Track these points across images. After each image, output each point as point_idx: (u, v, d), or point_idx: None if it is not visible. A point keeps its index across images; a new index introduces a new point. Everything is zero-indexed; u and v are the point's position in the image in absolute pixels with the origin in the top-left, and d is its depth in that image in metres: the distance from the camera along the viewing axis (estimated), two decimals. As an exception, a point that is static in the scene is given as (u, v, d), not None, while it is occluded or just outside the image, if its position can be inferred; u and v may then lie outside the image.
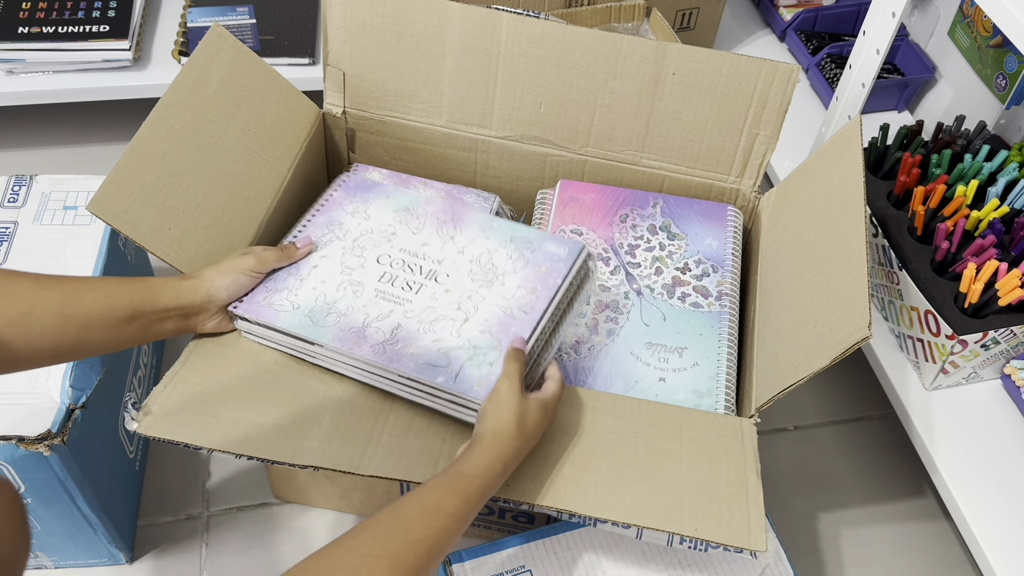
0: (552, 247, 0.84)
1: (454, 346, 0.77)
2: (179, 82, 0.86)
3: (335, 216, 0.89)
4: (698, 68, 0.93)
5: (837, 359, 0.73)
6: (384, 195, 0.91)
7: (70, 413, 0.85)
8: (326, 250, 0.86)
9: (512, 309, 0.80)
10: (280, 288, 0.82)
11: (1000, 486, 0.94)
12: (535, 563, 0.78)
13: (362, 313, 0.80)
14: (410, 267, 0.84)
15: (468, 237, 0.86)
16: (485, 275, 0.83)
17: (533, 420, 0.71)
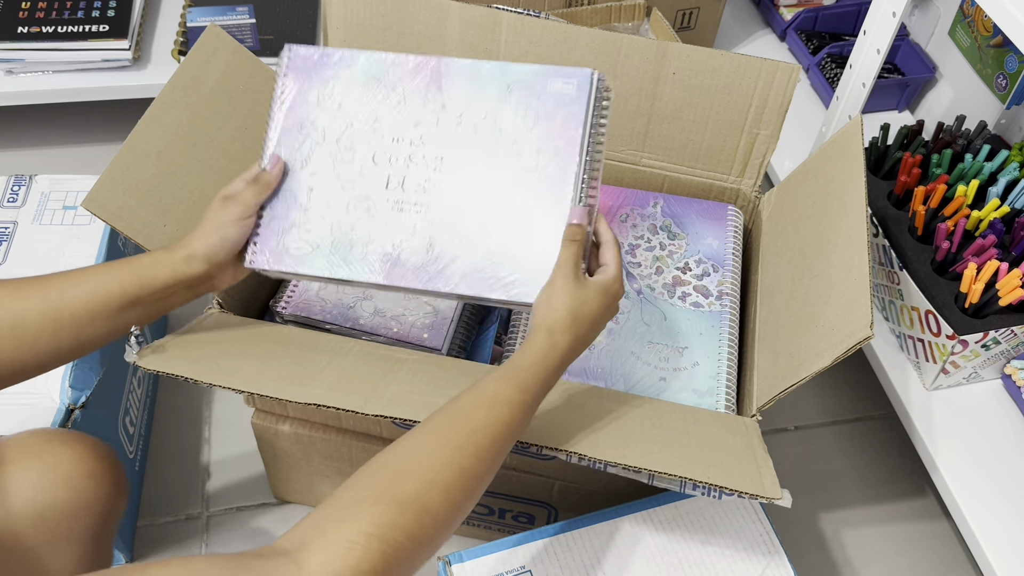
0: (558, 86, 0.72)
1: (495, 248, 0.71)
2: (175, 81, 0.86)
3: (301, 114, 0.76)
4: (698, 68, 0.93)
5: (839, 359, 0.73)
6: (343, 65, 0.76)
7: (69, 413, 0.85)
8: (313, 163, 0.75)
9: (538, 184, 0.71)
10: (287, 226, 0.74)
11: (1000, 486, 0.94)
12: (535, 563, 0.78)
13: (387, 234, 0.73)
14: (412, 159, 0.73)
15: (460, 100, 0.73)
16: (496, 147, 0.72)
17: (592, 307, 0.67)
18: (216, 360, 0.75)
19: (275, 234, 0.74)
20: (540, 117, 0.72)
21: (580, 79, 0.72)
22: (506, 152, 0.72)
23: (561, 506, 0.94)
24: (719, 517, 0.81)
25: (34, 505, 0.67)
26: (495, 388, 0.62)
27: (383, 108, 0.74)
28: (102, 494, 0.71)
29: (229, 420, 1.14)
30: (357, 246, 0.73)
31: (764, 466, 0.72)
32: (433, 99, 0.74)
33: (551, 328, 0.65)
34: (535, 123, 0.72)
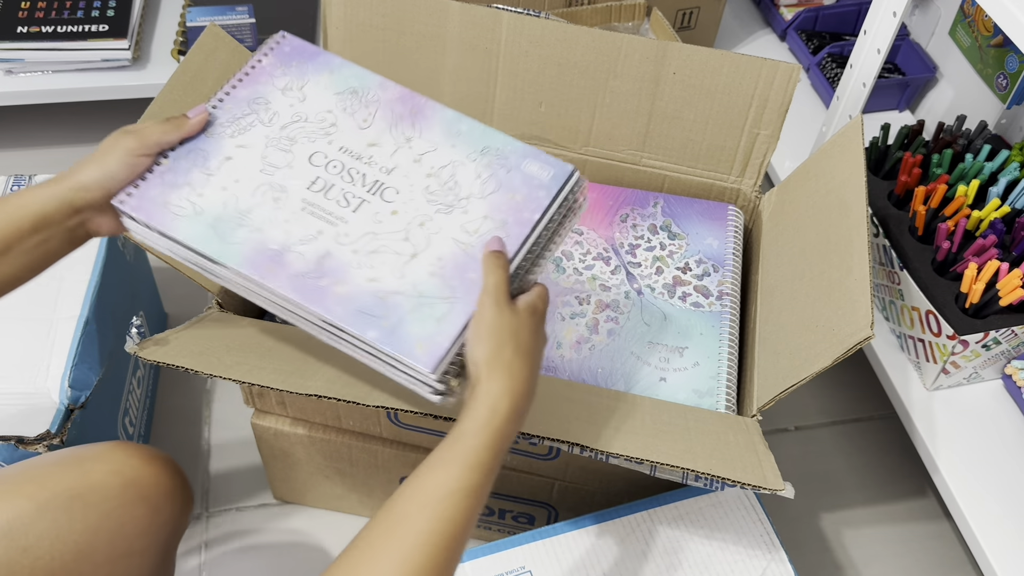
0: (534, 168, 0.67)
1: (394, 290, 0.62)
2: (174, 81, 0.86)
3: (261, 91, 0.71)
4: (699, 67, 0.93)
5: (839, 359, 0.72)
6: (327, 69, 0.72)
7: (69, 413, 0.85)
8: (245, 136, 0.68)
9: (473, 247, 0.64)
10: (181, 183, 0.66)
11: (1001, 486, 0.94)
12: (535, 563, 0.78)
13: (282, 230, 0.64)
14: (351, 174, 0.67)
15: (429, 141, 0.69)
16: (444, 196, 0.66)
17: (526, 335, 0.60)
18: (217, 354, 0.75)
19: (163, 185, 0.65)
20: (502, 187, 0.67)
21: (558, 170, 0.67)
22: (452, 205, 0.66)
23: (561, 506, 0.94)
24: (719, 517, 0.81)
25: (115, 519, 0.68)
26: (437, 479, 0.54)
27: (346, 119, 0.70)
28: (177, 511, 0.73)
29: (229, 420, 1.14)
30: (243, 230, 0.64)
31: (765, 460, 0.72)
32: (401, 131, 0.70)
33: (489, 374, 0.57)
34: (495, 191, 0.67)
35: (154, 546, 0.71)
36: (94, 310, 0.92)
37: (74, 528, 0.66)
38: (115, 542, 0.68)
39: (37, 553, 0.64)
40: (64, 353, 0.88)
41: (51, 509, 0.66)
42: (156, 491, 0.71)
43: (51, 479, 0.68)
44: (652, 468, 0.71)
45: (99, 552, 0.66)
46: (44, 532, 0.65)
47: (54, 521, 0.65)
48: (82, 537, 0.66)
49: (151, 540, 0.70)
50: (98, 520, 0.67)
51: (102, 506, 0.67)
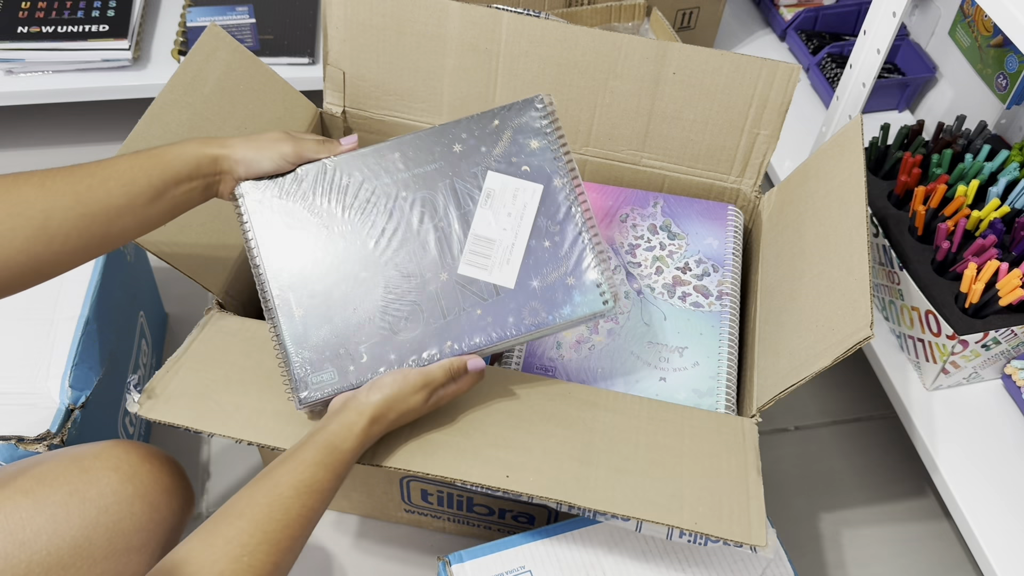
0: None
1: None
2: (175, 81, 0.86)
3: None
4: (699, 68, 0.93)
5: (839, 359, 0.72)
6: None
7: (69, 413, 0.85)
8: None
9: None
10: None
11: (1001, 486, 0.94)
12: (535, 563, 0.78)
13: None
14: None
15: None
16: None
17: (413, 416, 0.72)
18: (216, 394, 0.76)
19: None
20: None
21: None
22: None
23: (561, 506, 0.94)
24: (719, 517, 0.81)
25: (112, 515, 0.68)
26: (313, 475, 0.64)
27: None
28: (176, 508, 0.73)
29: (229, 420, 1.14)
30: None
31: (755, 497, 0.73)
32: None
33: (376, 420, 0.69)
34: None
35: (152, 543, 0.71)
36: (94, 310, 0.92)
37: (71, 524, 0.66)
38: (113, 538, 0.68)
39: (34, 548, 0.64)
40: (64, 353, 0.88)
41: (49, 505, 0.66)
42: (154, 488, 0.71)
43: (49, 475, 0.68)
44: (638, 525, 0.72)
45: (97, 548, 0.67)
46: (42, 527, 0.65)
47: (52, 517, 0.66)
48: (79, 533, 0.66)
49: (149, 537, 0.70)
50: (96, 516, 0.67)
51: (99, 502, 0.68)
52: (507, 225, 0.76)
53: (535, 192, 0.77)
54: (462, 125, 0.78)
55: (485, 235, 0.76)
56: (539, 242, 0.76)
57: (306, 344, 0.73)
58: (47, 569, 0.64)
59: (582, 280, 0.75)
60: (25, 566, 0.64)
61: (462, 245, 0.76)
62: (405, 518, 1.03)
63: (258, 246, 0.75)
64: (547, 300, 0.75)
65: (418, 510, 1.01)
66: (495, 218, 0.76)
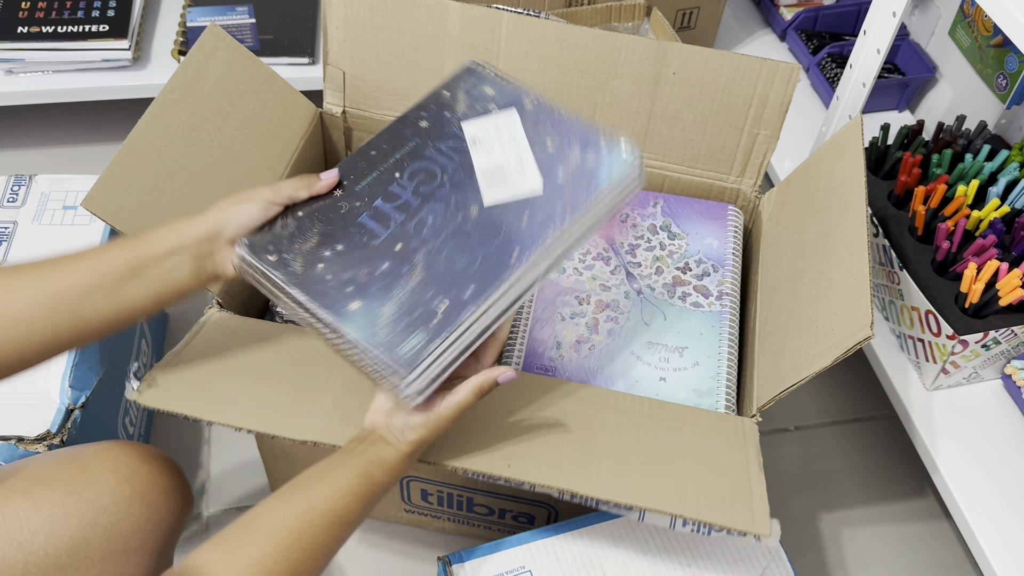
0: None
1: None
2: (175, 81, 0.86)
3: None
4: (698, 68, 0.93)
5: (839, 359, 0.72)
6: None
7: (69, 413, 0.85)
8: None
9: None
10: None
11: (1001, 486, 0.94)
12: (535, 563, 0.78)
13: None
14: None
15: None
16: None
17: (447, 429, 0.69)
18: (216, 386, 0.76)
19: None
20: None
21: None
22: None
23: (561, 506, 0.94)
24: (719, 517, 0.81)
25: (110, 516, 0.68)
26: (347, 507, 0.63)
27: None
28: (174, 508, 0.73)
29: (229, 420, 1.14)
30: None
31: (757, 490, 0.72)
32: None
33: (414, 453, 0.68)
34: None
35: (150, 544, 0.71)
36: (94, 310, 0.92)
37: (69, 524, 0.66)
38: (111, 539, 0.68)
39: (32, 548, 0.64)
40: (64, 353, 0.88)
41: (47, 505, 0.66)
42: (153, 489, 0.71)
43: (47, 475, 0.68)
44: (641, 514, 0.72)
45: (95, 548, 0.67)
46: (39, 527, 0.65)
47: (50, 517, 0.65)
48: (77, 533, 0.66)
49: (147, 538, 0.70)
50: (94, 516, 0.67)
51: (97, 503, 0.68)
52: (506, 150, 0.76)
53: (512, 115, 0.77)
54: (417, 107, 0.79)
55: (490, 167, 0.75)
56: (542, 148, 0.75)
57: (376, 328, 0.67)
58: (44, 569, 0.64)
59: (599, 151, 0.75)
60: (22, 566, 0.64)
61: (476, 185, 0.74)
62: (405, 518, 1.03)
63: (286, 284, 0.70)
64: (580, 179, 0.74)
65: (418, 510, 1.01)
66: (491, 153, 0.76)
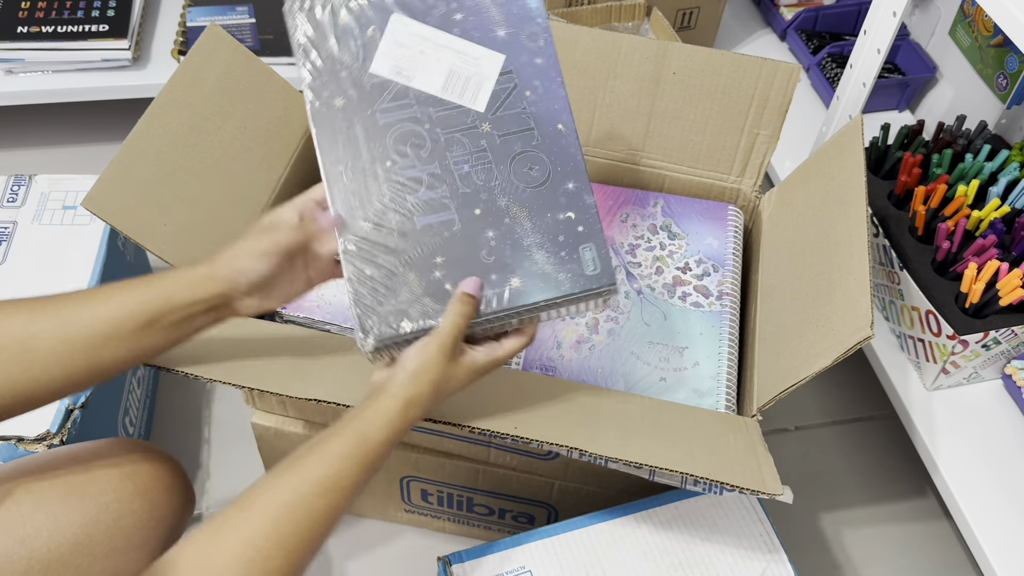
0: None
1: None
2: (175, 80, 0.86)
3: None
4: (699, 67, 0.93)
5: (839, 359, 0.72)
6: None
7: (69, 413, 0.85)
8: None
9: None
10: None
11: (1001, 486, 0.94)
12: (535, 563, 0.78)
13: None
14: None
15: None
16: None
17: (455, 385, 0.65)
18: (216, 358, 0.75)
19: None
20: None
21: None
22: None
23: (561, 506, 0.94)
24: (719, 517, 0.81)
25: (112, 513, 0.68)
26: (341, 468, 0.59)
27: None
28: (176, 506, 0.73)
29: (229, 420, 1.14)
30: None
31: (765, 463, 0.72)
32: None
33: (411, 402, 0.63)
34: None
35: (152, 540, 0.71)
36: (94, 310, 0.92)
37: (72, 521, 0.66)
38: (113, 536, 0.68)
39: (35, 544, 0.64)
40: (64, 353, 0.88)
41: (49, 502, 0.66)
42: (154, 486, 0.71)
43: (49, 472, 0.68)
44: (651, 472, 0.71)
45: (97, 545, 0.67)
46: (42, 524, 0.65)
47: (52, 514, 0.66)
48: (80, 530, 0.66)
49: (149, 534, 0.70)
50: (96, 513, 0.67)
51: (100, 499, 0.68)
52: (437, 56, 0.67)
53: (400, 20, 0.67)
54: (312, 93, 0.68)
55: (444, 82, 0.67)
56: (459, 26, 0.67)
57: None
58: (47, 566, 0.64)
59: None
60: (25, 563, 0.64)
61: (458, 106, 0.67)
62: (405, 518, 1.03)
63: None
64: (516, 12, 0.67)
65: (418, 510, 1.01)
66: (427, 71, 0.67)
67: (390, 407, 0.62)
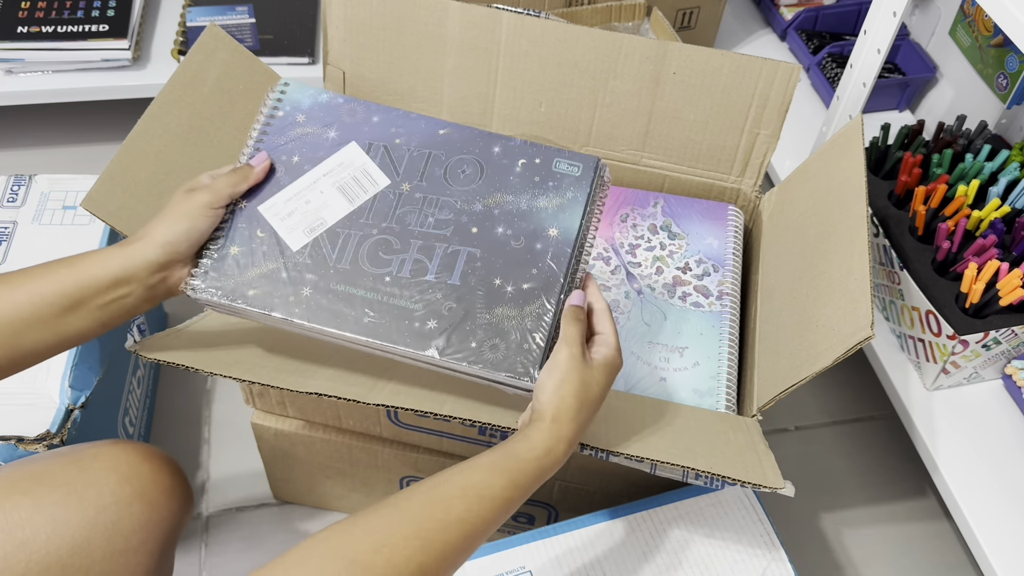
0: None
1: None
2: (174, 80, 0.86)
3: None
4: (699, 67, 0.93)
5: (839, 359, 0.72)
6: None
7: (69, 413, 0.85)
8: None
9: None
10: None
11: (1001, 486, 0.94)
12: (535, 563, 0.78)
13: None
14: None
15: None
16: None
17: (598, 390, 0.63)
18: (217, 353, 0.75)
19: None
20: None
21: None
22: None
23: (561, 506, 0.94)
24: (719, 517, 0.81)
25: (111, 515, 0.68)
26: (484, 479, 0.57)
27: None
28: (175, 508, 0.73)
29: (229, 420, 1.14)
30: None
31: (766, 459, 0.72)
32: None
33: (557, 417, 0.61)
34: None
35: (151, 543, 0.71)
36: (94, 310, 0.92)
37: (71, 523, 0.66)
38: (112, 538, 0.68)
39: (33, 547, 0.64)
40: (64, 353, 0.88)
41: (47, 504, 0.66)
42: (153, 488, 0.71)
43: (48, 475, 0.68)
44: (652, 466, 0.71)
45: (96, 548, 0.67)
46: (40, 527, 0.65)
47: (51, 516, 0.65)
48: (79, 533, 0.66)
49: (147, 536, 0.70)
50: (95, 515, 0.67)
51: (98, 502, 0.67)
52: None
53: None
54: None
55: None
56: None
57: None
58: (46, 569, 0.64)
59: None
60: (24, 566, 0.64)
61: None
62: (405, 518, 1.03)
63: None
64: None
65: (418, 510, 1.00)
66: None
67: (538, 427, 0.61)
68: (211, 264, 0.68)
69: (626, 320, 0.91)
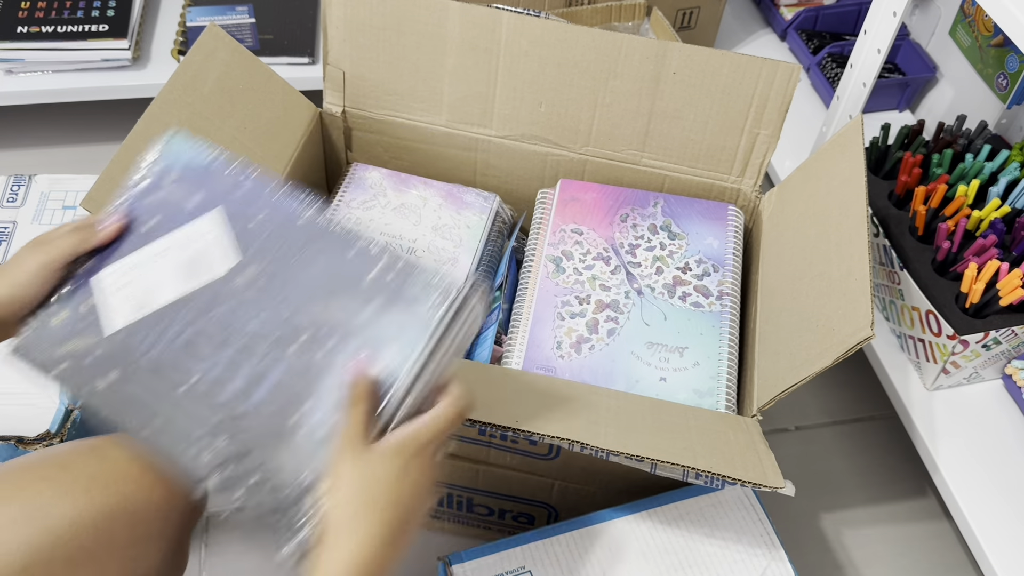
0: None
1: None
2: (175, 80, 0.86)
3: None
4: (699, 67, 0.93)
5: (839, 359, 0.72)
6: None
7: (69, 414, 0.85)
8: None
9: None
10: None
11: (1001, 486, 0.94)
12: (535, 563, 0.78)
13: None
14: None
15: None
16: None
17: (387, 482, 0.55)
18: None
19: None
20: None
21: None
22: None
23: (561, 506, 0.94)
24: (719, 517, 0.81)
25: (133, 503, 0.68)
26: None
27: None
28: (192, 497, 0.73)
29: (229, 420, 1.14)
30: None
31: (766, 458, 0.72)
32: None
33: (336, 526, 0.54)
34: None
35: (169, 531, 0.71)
36: (94, 310, 0.92)
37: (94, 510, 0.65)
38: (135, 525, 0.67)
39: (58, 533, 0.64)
40: (64, 353, 0.88)
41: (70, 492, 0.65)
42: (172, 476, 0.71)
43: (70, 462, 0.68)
44: (652, 466, 0.71)
45: (118, 535, 0.66)
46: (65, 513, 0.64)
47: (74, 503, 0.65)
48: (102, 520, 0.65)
49: (166, 524, 0.70)
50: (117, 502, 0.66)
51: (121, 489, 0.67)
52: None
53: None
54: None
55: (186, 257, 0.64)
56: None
57: None
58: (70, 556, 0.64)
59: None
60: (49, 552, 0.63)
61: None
62: (405, 518, 1.03)
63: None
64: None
65: (418, 510, 1.00)
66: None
67: (327, 546, 0.54)
68: (34, 330, 0.64)
69: (626, 320, 0.91)
